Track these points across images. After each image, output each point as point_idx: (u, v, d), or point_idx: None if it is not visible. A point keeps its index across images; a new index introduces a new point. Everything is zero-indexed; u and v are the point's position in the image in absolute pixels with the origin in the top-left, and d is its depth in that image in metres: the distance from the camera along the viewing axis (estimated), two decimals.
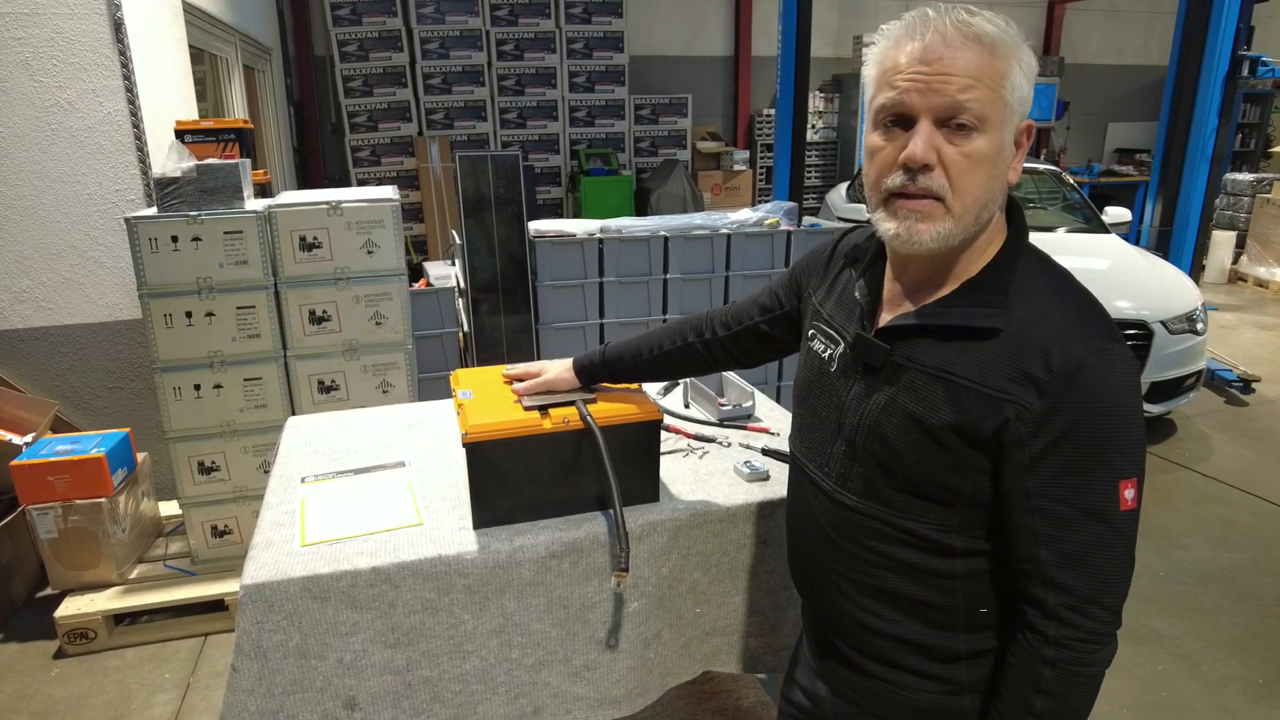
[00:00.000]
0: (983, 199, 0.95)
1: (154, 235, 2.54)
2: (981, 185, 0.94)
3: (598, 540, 1.43)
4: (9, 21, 2.94)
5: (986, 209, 0.96)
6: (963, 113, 0.91)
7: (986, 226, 0.99)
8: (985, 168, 0.93)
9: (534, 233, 3.65)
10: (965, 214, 0.94)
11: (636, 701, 1.54)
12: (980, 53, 0.90)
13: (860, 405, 1.05)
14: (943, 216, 0.94)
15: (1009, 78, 0.92)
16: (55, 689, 2.53)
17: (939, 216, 0.94)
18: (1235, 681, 2.58)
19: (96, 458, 2.71)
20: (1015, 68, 0.92)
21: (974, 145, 0.92)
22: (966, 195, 0.93)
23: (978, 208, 0.95)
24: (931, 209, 0.94)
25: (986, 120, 0.91)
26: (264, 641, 1.29)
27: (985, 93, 0.90)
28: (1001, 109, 0.92)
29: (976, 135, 0.92)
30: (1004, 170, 0.96)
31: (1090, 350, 0.92)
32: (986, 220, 0.98)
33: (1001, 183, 0.97)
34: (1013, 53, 0.92)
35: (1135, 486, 0.94)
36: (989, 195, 0.95)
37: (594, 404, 1.46)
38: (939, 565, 1.03)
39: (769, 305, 1.35)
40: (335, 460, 1.72)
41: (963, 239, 0.97)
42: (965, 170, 0.92)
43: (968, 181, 0.93)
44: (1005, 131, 0.94)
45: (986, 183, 0.94)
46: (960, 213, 0.94)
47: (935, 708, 1.08)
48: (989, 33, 0.91)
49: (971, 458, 0.96)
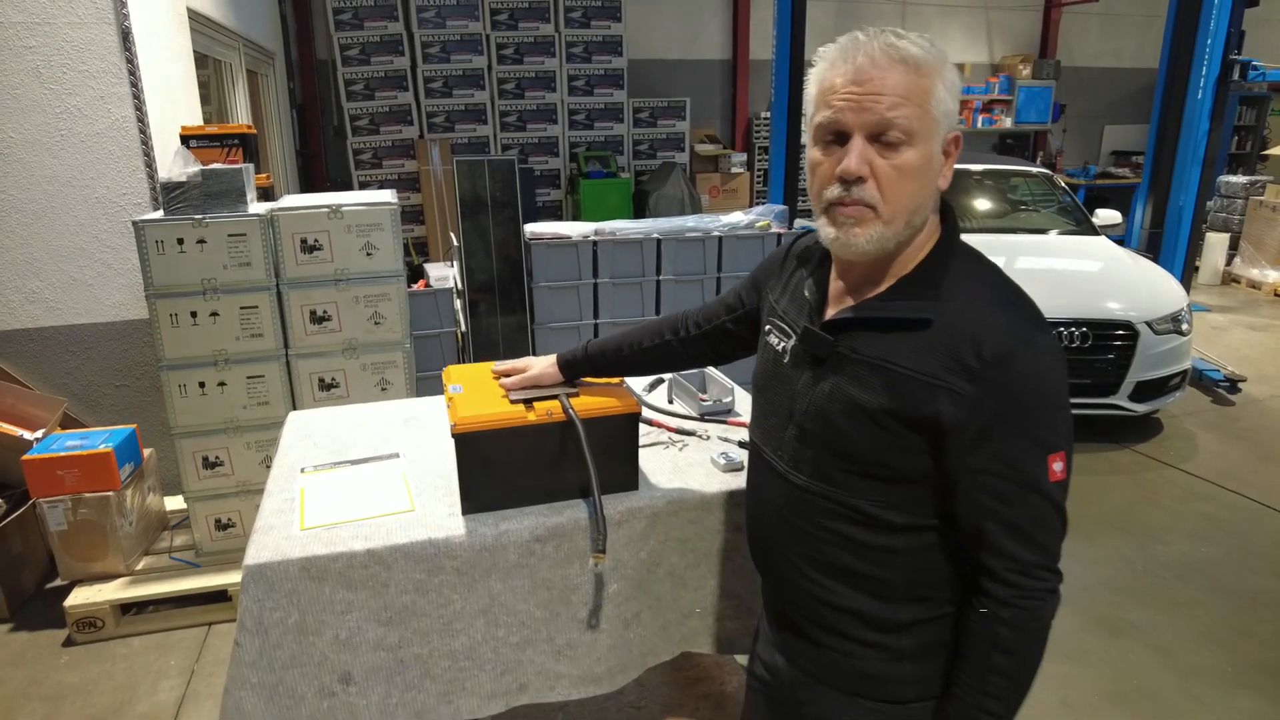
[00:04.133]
0: (912, 206, 1.04)
1: (160, 238, 2.63)
2: (911, 194, 1.03)
3: (579, 525, 1.52)
4: (20, 31, 3.04)
5: (918, 214, 1.05)
6: (892, 129, 0.99)
7: (921, 229, 1.09)
8: (914, 178, 1.02)
9: (530, 235, 3.74)
10: (895, 219, 1.03)
11: (617, 679, 1.63)
12: (906, 73, 0.99)
13: (809, 393, 1.14)
14: (874, 222, 1.03)
15: (934, 94, 1.01)
16: (65, 675, 2.62)
17: (871, 222, 1.03)
18: (1206, 671, 2.66)
19: (104, 453, 2.80)
20: (939, 84, 1.01)
21: (903, 158, 1.01)
22: (896, 203, 1.02)
23: (907, 213, 1.04)
24: (864, 215, 1.03)
25: (914, 134, 1.00)
26: (265, 618, 1.38)
27: (912, 109, 0.99)
28: (928, 123, 1.01)
29: (905, 148, 1.00)
30: (933, 178, 1.05)
31: (1017, 340, 1.01)
32: (919, 224, 1.07)
33: (931, 189, 1.06)
34: (937, 71, 1.01)
35: (1064, 459, 1.03)
36: (919, 202, 1.05)
37: (576, 397, 1.55)
38: (881, 541, 1.12)
39: (733, 305, 1.44)
40: (333, 452, 1.82)
41: (897, 241, 1.06)
42: (895, 181, 1.01)
43: (897, 191, 1.02)
44: (933, 143, 1.03)
45: (916, 191, 1.03)
46: (890, 218, 1.03)
47: (879, 674, 1.17)
48: (914, 54, 1.00)
49: (910, 439, 1.05)
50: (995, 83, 9.92)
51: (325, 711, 1.45)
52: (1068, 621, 2.90)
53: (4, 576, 2.88)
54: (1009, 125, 10.08)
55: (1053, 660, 2.66)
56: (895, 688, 1.17)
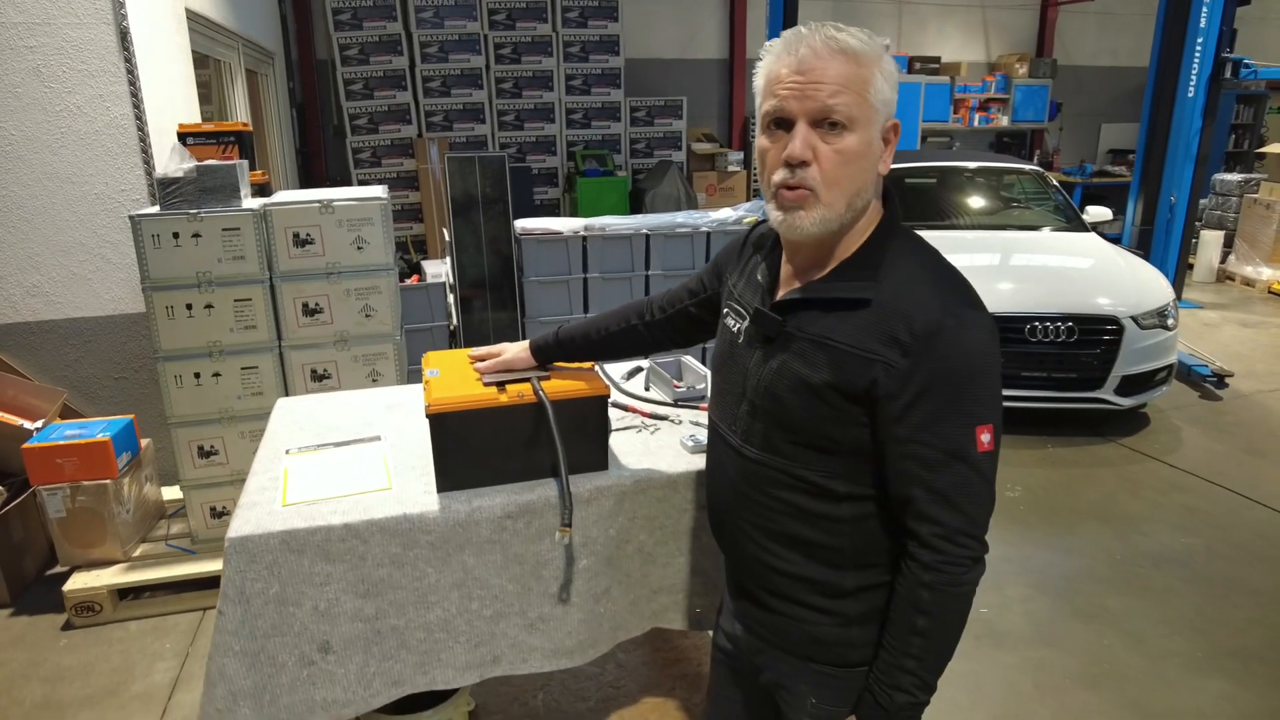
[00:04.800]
0: (853, 189, 1.10)
1: (157, 232, 2.70)
2: (851, 177, 1.09)
3: (549, 503, 1.58)
4: (21, 31, 3.11)
5: (859, 197, 1.12)
6: (833, 114, 1.06)
7: (863, 213, 1.15)
8: (854, 162, 1.09)
9: (520, 230, 3.81)
10: (836, 202, 1.10)
11: (588, 652, 1.69)
12: (846, 63, 1.06)
13: (759, 370, 1.20)
14: (816, 205, 1.09)
15: (872, 83, 1.07)
16: (64, 658, 2.70)
17: (813, 205, 1.10)
18: (1177, 656, 2.72)
19: (102, 441, 2.88)
20: (878, 74, 1.08)
21: (845, 142, 1.07)
22: (837, 186, 1.09)
23: (849, 196, 1.10)
24: (806, 199, 1.09)
25: (854, 120, 1.07)
26: (247, 589, 1.45)
27: (852, 97, 1.06)
28: (867, 110, 1.07)
29: (846, 133, 1.07)
30: (873, 163, 1.12)
31: (948, 316, 1.07)
32: (861, 206, 1.13)
33: (872, 174, 1.12)
34: (874, 61, 1.08)
35: (991, 431, 1.09)
36: (859, 185, 1.11)
37: (547, 381, 1.61)
38: (827, 509, 1.18)
39: (696, 290, 1.51)
40: (318, 435, 1.88)
41: (840, 224, 1.12)
42: (837, 164, 1.08)
43: (839, 174, 1.08)
44: (872, 130, 1.09)
45: (856, 175, 1.10)
46: (831, 201, 1.10)
47: (828, 638, 1.23)
48: (853, 45, 1.07)
49: (850, 411, 1.12)
50: (992, 81, 9.97)
51: (305, 679, 1.52)
52: (1043, 607, 2.96)
53: (5, 562, 2.96)
54: (1006, 124, 10.12)
55: (1026, 644, 2.75)
56: (844, 651, 1.23)
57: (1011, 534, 3.46)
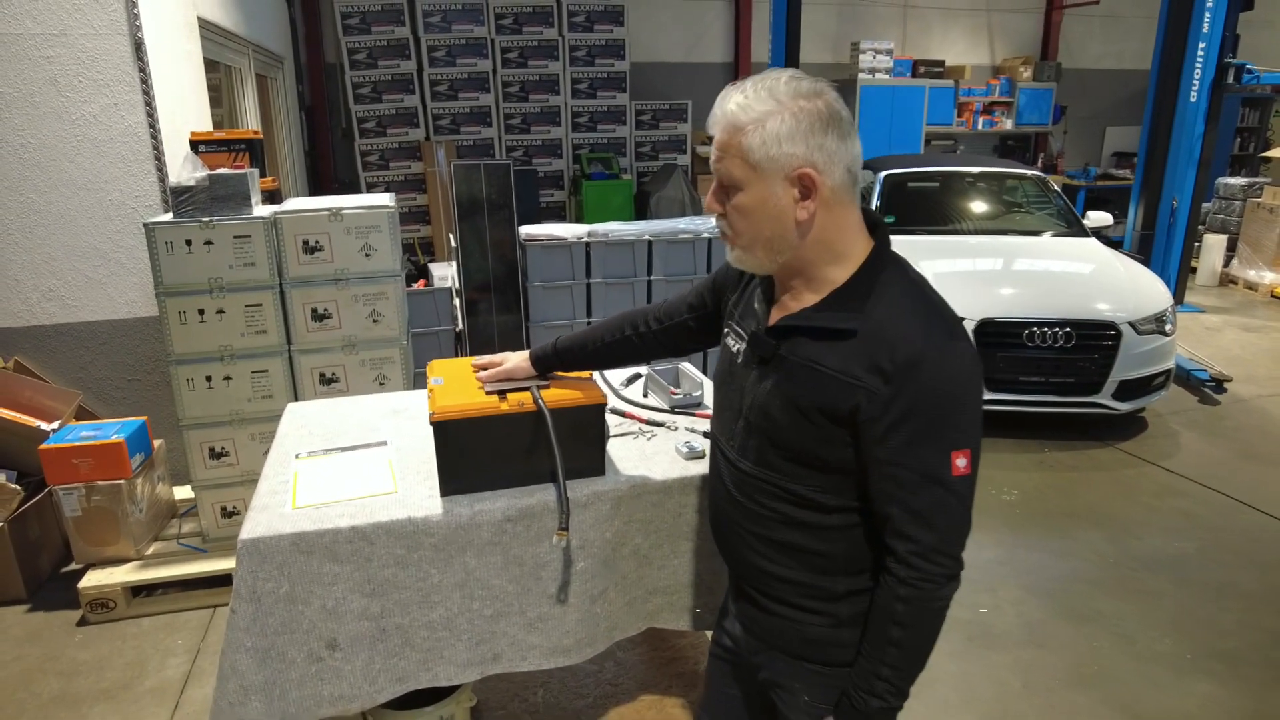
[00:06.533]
0: (762, 236, 1.20)
1: (170, 239, 2.78)
2: (754, 227, 1.20)
3: (548, 507, 1.65)
4: (39, 42, 3.20)
5: (780, 240, 1.19)
6: (723, 178, 1.20)
7: (811, 249, 1.20)
8: (750, 215, 1.19)
9: (525, 236, 3.88)
10: (752, 247, 1.22)
11: (585, 651, 1.76)
12: (724, 130, 1.17)
13: (754, 389, 1.27)
14: (736, 249, 1.25)
15: (748, 146, 1.15)
16: (79, 652, 2.78)
17: (735, 249, 1.25)
18: (1166, 657, 2.77)
19: (117, 443, 2.95)
20: (756, 133, 1.14)
21: (737, 200, 1.20)
22: (742, 235, 1.22)
23: (763, 242, 1.20)
24: (731, 241, 1.25)
25: (739, 180, 1.18)
26: (258, 588, 1.52)
27: (732, 161, 1.17)
28: (748, 171, 1.16)
29: (737, 192, 1.19)
30: (780, 212, 1.17)
31: (930, 347, 1.13)
32: (785, 249, 1.20)
33: (781, 223, 1.18)
34: (751, 122, 1.14)
35: (968, 456, 1.15)
36: (770, 233, 1.19)
37: (546, 389, 1.68)
38: (817, 520, 1.25)
39: (696, 305, 1.57)
40: (326, 440, 1.95)
41: (776, 264, 1.22)
42: (737, 218, 1.21)
43: (740, 227, 1.22)
44: (766, 185, 1.16)
45: (759, 224, 1.19)
46: (747, 246, 1.22)
47: (821, 639, 1.30)
48: (730, 113, 1.16)
49: (835, 432, 1.18)
50: (996, 85, 9.99)
51: (313, 675, 1.59)
52: (1035, 609, 3.02)
53: (22, 559, 3.04)
54: (1010, 127, 10.15)
55: (1017, 645, 2.81)
56: (835, 651, 1.29)
57: (1005, 537, 3.51)
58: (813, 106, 1.14)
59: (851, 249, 1.21)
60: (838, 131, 1.15)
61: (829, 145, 1.14)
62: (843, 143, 1.15)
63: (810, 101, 1.14)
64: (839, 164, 1.16)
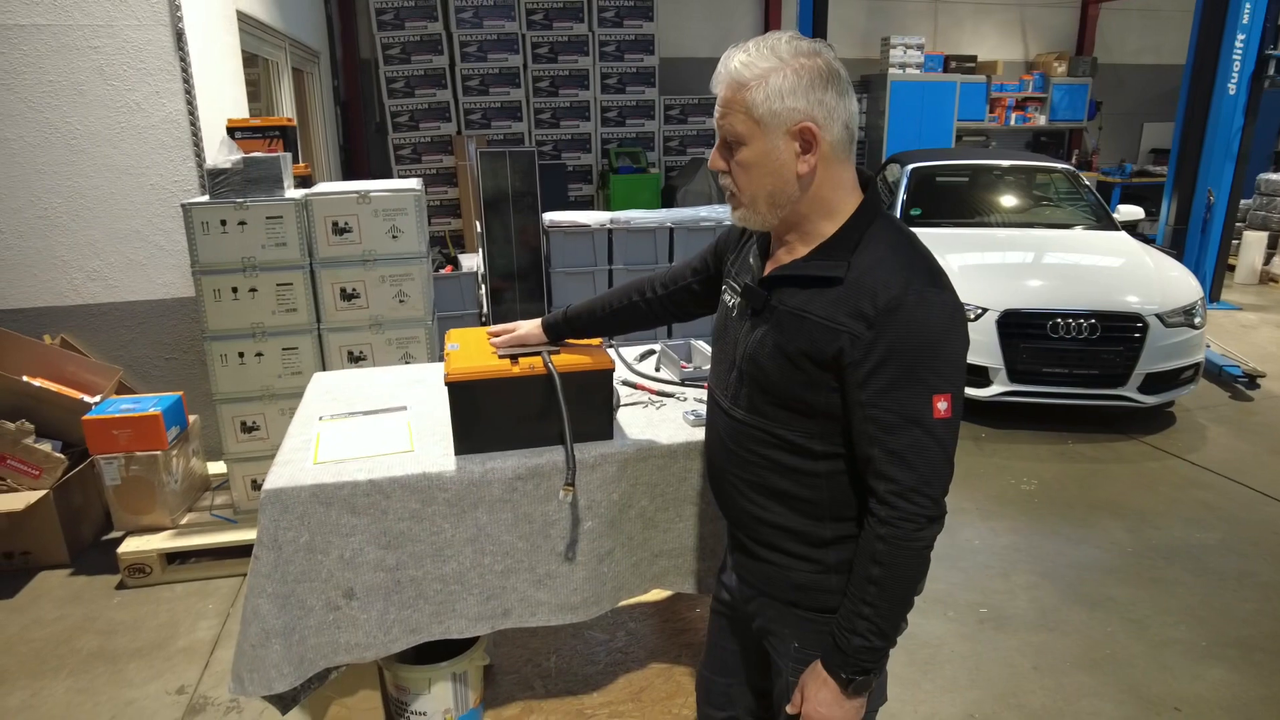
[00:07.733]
0: (764, 191, 1.24)
1: (206, 219, 2.90)
2: (757, 181, 1.24)
3: (557, 467, 1.72)
4: (86, 33, 3.34)
5: (781, 194, 1.24)
6: (726, 134, 1.25)
7: (807, 204, 1.25)
8: (753, 169, 1.24)
9: (549, 223, 3.95)
10: (755, 202, 1.26)
11: (592, 609, 1.82)
12: (728, 87, 1.22)
13: (747, 339, 1.33)
14: (739, 206, 1.29)
15: (753, 101, 1.19)
16: (117, 613, 2.91)
17: (738, 206, 1.29)
18: (1178, 644, 2.76)
19: (154, 415, 3.08)
20: (759, 89, 1.18)
21: (741, 155, 1.24)
22: (746, 190, 1.26)
23: (765, 196, 1.25)
24: (733, 200, 1.29)
25: (742, 135, 1.22)
26: (279, 536, 1.61)
27: (735, 117, 1.22)
28: (751, 125, 1.21)
29: (740, 148, 1.23)
30: (781, 167, 1.22)
31: (909, 292, 1.17)
32: (786, 202, 1.25)
33: (783, 177, 1.23)
34: (755, 78, 1.19)
35: (949, 400, 1.19)
36: (771, 188, 1.24)
37: (557, 354, 1.74)
38: (805, 465, 1.30)
39: (699, 269, 1.63)
40: (348, 405, 2.04)
41: (779, 217, 1.26)
42: (740, 174, 1.26)
43: (743, 182, 1.26)
44: (768, 140, 1.21)
45: (761, 180, 1.24)
46: (749, 202, 1.27)
47: (808, 584, 1.35)
48: (734, 70, 1.21)
49: (821, 377, 1.23)
50: (1029, 80, 9.88)
51: (331, 623, 1.67)
52: (1049, 594, 3.02)
53: (66, 526, 3.18)
54: (1043, 123, 10.03)
55: (1029, 629, 2.82)
56: (824, 597, 1.34)
57: (1021, 524, 3.51)
58: (813, 64, 1.19)
59: (844, 204, 1.26)
60: (837, 88, 1.20)
61: (829, 101, 1.19)
62: (841, 99, 1.20)
63: (810, 59, 1.19)
64: (838, 120, 1.21)
